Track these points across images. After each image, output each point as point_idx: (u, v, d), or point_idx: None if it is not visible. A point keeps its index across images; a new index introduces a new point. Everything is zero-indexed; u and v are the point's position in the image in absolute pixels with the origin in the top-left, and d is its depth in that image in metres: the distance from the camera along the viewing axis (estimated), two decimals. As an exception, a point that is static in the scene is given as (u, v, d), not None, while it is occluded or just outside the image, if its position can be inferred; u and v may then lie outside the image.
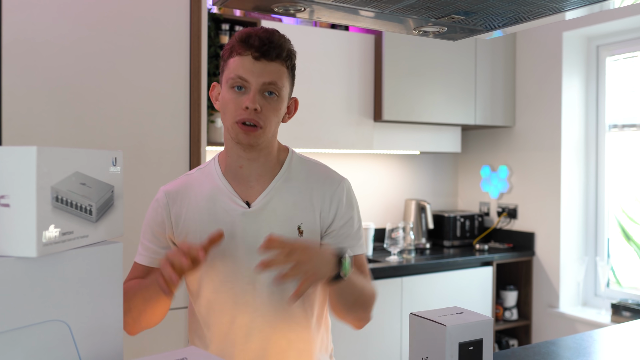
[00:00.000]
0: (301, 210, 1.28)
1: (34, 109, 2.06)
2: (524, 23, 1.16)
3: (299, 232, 1.27)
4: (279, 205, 1.27)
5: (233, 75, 1.20)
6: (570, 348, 1.54)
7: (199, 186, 1.31)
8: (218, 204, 1.28)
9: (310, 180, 1.31)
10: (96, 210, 0.88)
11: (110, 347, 0.88)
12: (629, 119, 3.31)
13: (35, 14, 2.05)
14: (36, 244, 0.75)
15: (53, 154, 0.78)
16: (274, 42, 1.19)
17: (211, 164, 1.34)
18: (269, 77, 1.20)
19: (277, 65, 1.21)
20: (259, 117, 1.20)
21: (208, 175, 1.32)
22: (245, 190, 1.29)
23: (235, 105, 1.21)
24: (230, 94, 1.22)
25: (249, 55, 1.19)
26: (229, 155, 1.30)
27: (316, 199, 1.30)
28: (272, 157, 1.30)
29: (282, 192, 1.28)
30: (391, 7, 1.04)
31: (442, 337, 1.09)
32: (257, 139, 1.22)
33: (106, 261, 0.88)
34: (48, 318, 0.80)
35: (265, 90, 1.21)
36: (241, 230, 1.26)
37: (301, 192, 1.29)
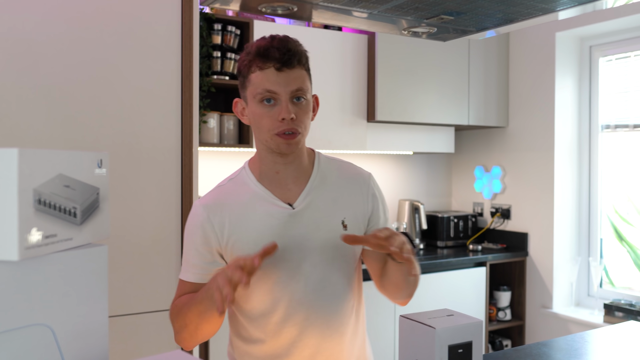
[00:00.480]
0: (341, 205, 1.34)
1: (24, 109, 2.05)
2: (515, 23, 1.16)
3: (344, 226, 1.32)
4: (320, 202, 1.32)
5: (260, 90, 1.23)
6: (562, 349, 1.54)
7: (235, 195, 1.33)
8: (261, 209, 1.30)
9: (342, 177, 1.38)
10: (81, 212, 0.87)
11: (95, 351, 0.87)
12: (621, 119, 3.31)
13: (25, 13, 2.04)
14: (18, 247, 0.74)
15: (35, 156, 0.77)
16: (292, 50, 1.22)
17: (242, 173, 1.37)
18: (295, 84, 1.23)
19: (298, 71, 1.24)
20: (296, 124, 1.24)
21: (242, 185, 1.34)
22: (284, 193, 1.32)
23: (270, 118, 1.24)
24: (260, 109, 1.25)
25: (271, 67, 1.22)
26: (263, 163, 1.33)
27: (353, 195, 1.36)
28: (304, 159, 1.35)
29: (320, 190, 1.34)
30: (380, 8, 1.03)
31: (431, 340, 1.08)
32: (297, 145, 1.27)
33: (91, 264, 0.87)
34: (31, 322, 0.79)
35: (294, 97, 1.24)
36: (290, 230, 1.29)
37: (338, 189, 1.36)
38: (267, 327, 1.32)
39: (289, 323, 1.30)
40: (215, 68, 2.82)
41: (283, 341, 1.31)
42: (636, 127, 3.22)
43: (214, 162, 3.11)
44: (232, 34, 2.86)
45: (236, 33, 2.88)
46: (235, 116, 2.90)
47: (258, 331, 1.33)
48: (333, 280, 1.32)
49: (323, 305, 1.31)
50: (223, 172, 3.25)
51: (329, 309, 1.32)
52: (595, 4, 1.11)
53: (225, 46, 2.86)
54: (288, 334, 1.31)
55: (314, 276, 1.30)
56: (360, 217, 1.36)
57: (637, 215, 3.24)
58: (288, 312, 1.30)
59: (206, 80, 2.75)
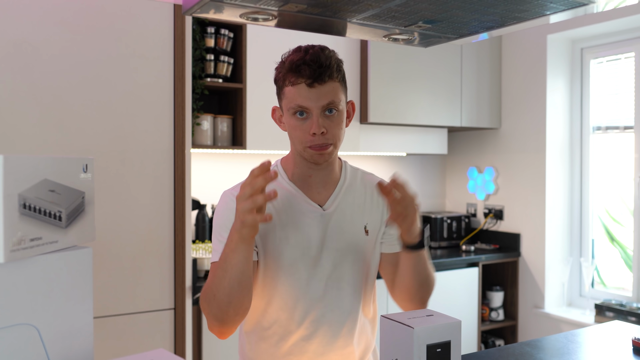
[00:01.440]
0: (365, 212, 1.41)
1: (16, 113, 2.07)
2: (492, 30, 1.19)
3: (365, 232, 1.40)
4: (347, 207, 1.39)
5: (293, 105, 1.28)
6: (544, 349, 1.57)
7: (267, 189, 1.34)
8: (294, 206, 1.36)
9: (366, 186, 1.45)
10: (66, 216, 0.90)
11: (80, 351, 0.90)
12: (612, 121, 3.34)
13: (19, 18, 2.07)
14: (3, 250, 0.77)
15: (20, 162, 0.80)
16: (323, 65, 1.25)
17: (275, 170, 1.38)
18: (325, 99, 1.27)
19: (330, 84, 1.27)
20: (327, 137, 1.29)
21: (275, 181, 1.36)
22: (314, 195, 1.39)
23: (302, 131, 1.29)
24: (294, 121, 1.30)
25: (302, 83, 1.26)
26: (297, 166, 1.39)
27: (376, 203, 1.43)
28: (335, 166, 1.42)
29: (347, 196, 1.41)
30: (358, 17, 1.06)
31: (410, 339, 1.11)
32: (330, 155, 1.33)
33: (76, 266, 0.90)
34: (17, 322, 0.82)
35: (325, 110, 1.28)
36: (319, 230, 1.35)
37: (363, 196, 1.43)
38: (284, 322, 1.36)
39: (307, 319, 1.35)
40: (209, 71, 2.85)
41: (297, 337, 1.36)
42: (627, 128, 3.25)
43: (208, 163, 3.14)
44: (225, 37, 2.89)
45: (229, 36, 2.91)
46: (229, 118, 2.94)
47: (274, 326, 1.37)
48: (351, 282, 1.38)
49: (339, 304, 1.37)
50: (217, 174, 3.28)
51: (345, 308, 1.38)
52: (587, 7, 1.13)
53: (218, 49, 2.89)
54: (304, 330, 1.35)
55: (334, 276, 1.36)
56: (379, 223, 1.43)
57: (628, 215, 3.27)
58: (306, 309, 1.35)
59: (200, 83, 2.78)
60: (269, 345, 1.38)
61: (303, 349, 1.36)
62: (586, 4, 1.10)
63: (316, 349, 1.36)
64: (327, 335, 1.36)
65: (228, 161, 3.19)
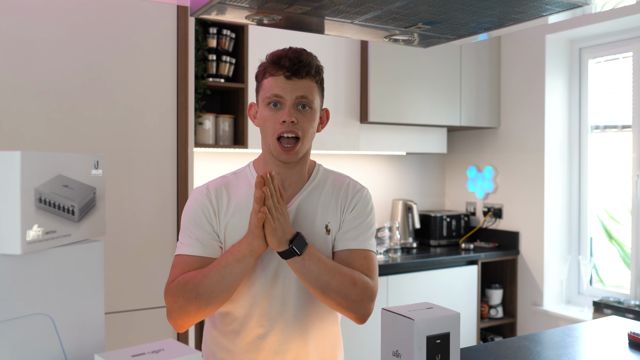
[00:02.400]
0: (328, 212, 1.43)
1: (23, 112, 2.11)
2: (491, 31, 1.22)
3: (327, 231, 1.42)
4: (309, 207, 1.42)
5: (269, 94, 1.34)
6: (542, 343, 1.60)
7: (236, 187, 1.42)
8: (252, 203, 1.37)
9: (334, 187, 1.47)
10: (78, 210, 0.93)
11: (92, 340, 0.93)
12: (610, 120, 3.38)
13: (25, 19, 2.10)
14: (20, 242, 0.80)
15: (36, 158, 0.83)
16: (303, 61, 1.32)
17: (246, 169, 1.47)
18: (300, 91, 1.33)
19: (307, 81, 1.34)
20: (297, 127, 1.34)
21: (244, 179, 1.45)
22: None
23: (273, 120, 1.35)
24: (267, 111, 1.36)
25: (281, 75, 1.32)
26: (266, 163, 1.43)
27: (340, 202, 1.45)
28: (305, 167, 1.45)
29: (311, 197, 1.43)
30: (360, 18, 1.09)
31: (410, 331, 1.14)
32: (296, 155, 1.37)
33: (88, 259, 0.94)
34: (32, 312, 0.85)
35: (299, 104, 1.34)
36: None
37: (327, 197, 1.44)
38: (241, 319, 1.38)
39: (265, 317, 1.37)
40: (211, 71, 2.88)
41: (255, 335, 1.38)
42: (624, 127, 3.29)
43: (210, 162, 3.17)
44: (227, 38, 2.92)
45: (231, 37, 2.94)
46: (231, 118, 2.97)
47: (233, 323, 1.39)
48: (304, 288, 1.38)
49: (296, 302, 1.38)
50: (218, 173, 3.29)
51: (303, 307, 1.39)
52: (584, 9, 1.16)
53: (220, 49, 2.92)
54: (262, 328, 1.37)
55: (290, 273, 1.37)
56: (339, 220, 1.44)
57: (626, 214, 3.31)
58: (265, 307, 1.37)
59: (202, 83, 2.82)
60: (227, 340, 1.41)
61: (260, 347, 1.38)
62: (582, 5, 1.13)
63: (272, 346, 1.38)
64: (284, 333, 1.38)
65: (230, 160, 3.22)
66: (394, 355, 1.19)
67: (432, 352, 1.16)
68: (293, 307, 1.38)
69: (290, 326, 1.39)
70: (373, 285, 1.39)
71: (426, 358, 1.15)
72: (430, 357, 1.16)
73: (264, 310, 1.38)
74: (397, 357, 1.18)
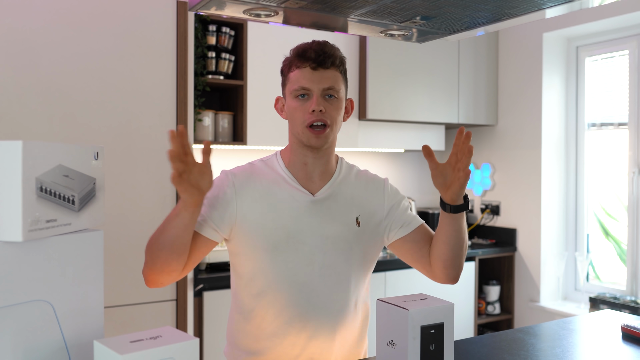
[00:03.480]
0: (358, 204, 1.46)
1: (25, 108, 2.13)
2: (486, 26, 1.24)
3: (357, 223, 1.44)
4: (340, 197, 1.45)
5: (296, 87, 1.37)
6: (536, 335, 1.62)
7: (262, 174, 1.44)
8: (283, 190, 1.41)
9: (360, 180, 1.51)
10: (78, 200, 0.95)
11: (92, 327, 0.95)
12: (607, 117, 3.40)
13: (27, 15, 2.12)
14: (22, 229, 0.82)
15: (38, 148, 0.85)
16: (327, 52, 1.36)
17: (273, 158, 1.49)
18: (327, 82, 1.37)
19: (332, 72, 1.38)
20: (325, 116, 1.37)
21: (271, 167, 1.46)
22: (307, 184, 1.44)
23: (302, 111, 1.37)
24: (295, 103, 1.39)
25: (307, 66, 1.36)
26: (293, 153, 1.44)
27: (369, 197, 1.49)
28: (331, 158, 1.47)
29: (341, 187, 1.46)
30: (355, 12, 1.11)
31: (404, 321, 1.16)
32: (326, 139, 1.39)
33: (88, 247, 0.95)
34: (33, 298, 0.87)
35: (326, 94, 1.38)
36: (308, 217, 1.40)
37: (356, 189, 1.49)
38: (270, 305, 1.40)
39: (291, 304, 1.39)
40: (210, 68, 2.90)
41: (282, 321, 1.39)
42: (621, 125, 3.31)
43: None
44: (226, 35, 2.94)
45: (230, 34, 2.96)
46: (230, 114, 2.99)
47: (258, 308, 1.41)
48: (339, 270, 1.41)
49: (325, 291, 1.40)
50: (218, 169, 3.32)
51: (331, 296, 1.41)
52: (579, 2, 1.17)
53: (219, 47, 2.94)
54: (288, 314, 1.39)
55: (322, 262, 1.40)
56: (375, 217, 1.47)
57: (622, 210, 3.33)
58: (291, 293, 1.39)
59: (201, 80, 2.83)
60: (253, 326, 1.42)
61: (286, 332, 1.39)
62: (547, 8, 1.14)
63: (299, 332, 1.40)
64: (311, 319, 1.40)
65: (229, 157, 3.24)
66: (389, 345, 1.21)
67: (426, 342, 1.18)
68: (323, 294, 1.40)
69: (319, 313, 1.40)
70: None
71: (420, 348, 1.17)
72: (425, 347, 1.18)
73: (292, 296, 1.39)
74: (391, 347, 1.20)
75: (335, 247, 1.41)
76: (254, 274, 1.40)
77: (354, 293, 1.46)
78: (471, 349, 1.50)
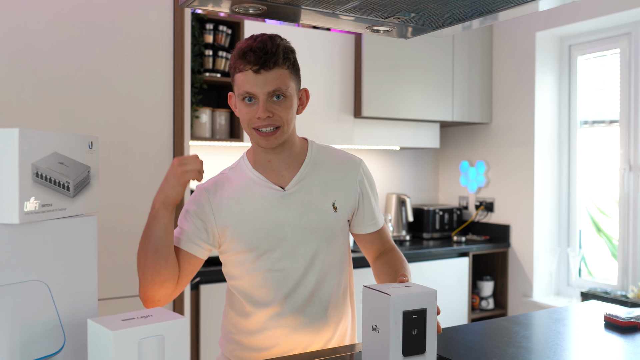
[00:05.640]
0: (332, 189, 1.45)
1: (23, 104, 2.17)
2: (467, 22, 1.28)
3: (334, 208, 1.44)
4: (312, 186, 1.44)
5: (241, 91, 1.33)
6: (521, 324, 1.66)
7: (233, 181, 1.45)
8: (254, 192, 1.42)
9: (334, 163, 1.49)
10: (73, 186, 0.99)
11: (86, 307, 1.00)
12: (598, 115, 3.44)
13: (25, 13, 2.16)
14: (19, 212, 0.87)
15: (34, 135, 0.90)
16: (269, 52, 1.29)
17: (240, 162, 1.50)
18: (272, 85, 1.31)
19: (277, 71, 1.31)
20: (274, 120, 1.34)
21: (240, 172, 1.47)
22: (277, 179, 1.43)
23: (249, 115, 1.35)
24: (242, 106, 1.36)
25: (249, 70, 1.30)
26: (256, 153, 1.44)
27: (343, 179, 1.48)
28: (295, 148, 1.45)
29: (312, 175, 1.45)
30: (340, 9, 1.16)
31: (387, 306, 1.20)
32: (278, 140, 1.37)
33: (82, 231, 1.00)
34: (29, 278, 0.92)
35: (272, 96, 1.33)
36: (282, 211, 1.41)
37: (329, 174, 1.47)
38: (259, 300, 1.44)
39: (283, 298, 1.43)
40: (207, 66, 2.95)
41: (275, 314, 1.43)
42: (612, 122, 3.35)
43: (206, 156, 3.24)
44: (223, 34, 2.99)
45: (227, 32, 3.01)
46: (227, 112, 3.04)
47: (250, 304, 1.45)
48: (322, 258, 1.44)
49: (313, 280, 1.44)
50: (215, 166, 3.37)
51: (320, 284, 1.45)
52: None
53: (216, 45, 2.99)
54: (280, 307, 1.43)
55: (306, 253, 1.42)
56: (351, 200, 1.48)
57: (614, 207, 3.37)
58: (281, 288, 1.42)
59: (198, 78, 2.88)
60: (246, 321, 1.46)
61: (278, 323, 1.44)
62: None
63: (290, 322, 1.44)
64: (304, 309, 1.44)
65: (226, 153, 3.29)
66: (373, 330, 1.25)
67: (408, 327, 1.22)
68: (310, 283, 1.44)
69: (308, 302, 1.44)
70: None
71: (402, 332, 1.21)
72: (407, 332, 1.22)
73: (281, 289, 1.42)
74: (375, 331, 1.24)
75: (316, 236, 1.43)
76: (242, 275, 1.45)
77: (343, 278, 1.51)
78: (456, 336, 1.55)
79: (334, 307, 1.49)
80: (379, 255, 1.56)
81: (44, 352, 0.93)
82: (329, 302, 1.47)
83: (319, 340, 1.48)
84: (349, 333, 1.57)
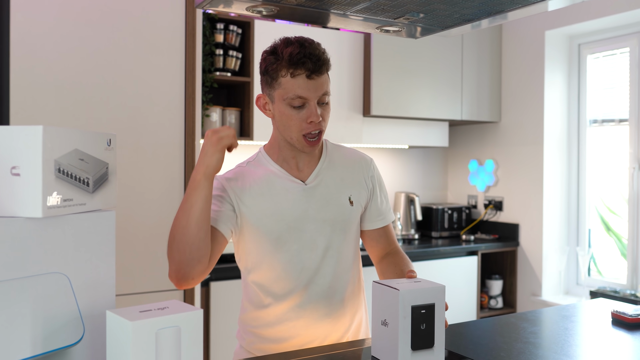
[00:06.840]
0: (348, 184, 1.53)
1: (38, 103, 2.21)
2: (476, 22, 1.31)
3: (350, 203, 1.51)
4: (330, 181, 1.51)
5: (292, 95, 1.36)
6: (529, 320, 1.68)
7: (253, 173, 1.49)
8: (276, 184, 1.46)
9: (348, 160, 1.57)
10: (93, 182, 1.03)
11: (104, 299, 1.03)
12: (608, 114, 3.44)
13: (40, 14, 2.21)
14: (42, 206, 0.90)
15: (56, 132, 0.93)
16: (321, 59, 1.37)
17: (259, 156, 1.53)
18: (322, 89, 1.39)
19: (324, 77, 1.40)
20: (322, 124, 1.41)
21: (259, 165, 1.51)
22: (297, 174, 1.49)
23: (299, 120, 1.39)
24: (289, 111, 1.39)
25: (303, 74, 1.35)
26: (282, 150, 1.49)
27: (357, 175, 1.55)
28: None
29: (329, 171, 1.52)
30: (351, 9, 1.18)
31: (395, 301, 1.23)
32: (319, 145, 1.45)
33: (101, 226, 1.03)
34: (50, 270, 0.95)
35: (321, 100, 1.40)
36: (303, 204, 1.46)
37: (345, 170, 1.54)
38: (279, 293, 1.47)
39: (300, 289, 1.47)
40: (218, 65, 2.98)
41: (292, 305, 1.47)
42: (622, 121, 3.35)
43: (217, 154, 3.27)
44: (233, 33, 3.02)
45: (238, 32, 3.04)
46: (237, 110, 3.07)
47: (269, 297, 1.48)
48: (339, 249, 1.50)
49: (330, 272, 1.48)
50: (225, 163, 3.40)
51: (337, 276, 1.50)
52: None
53: (227, 44, 3.02)
54: (298, 299, 1.47)
55: (324, 245, 1.47)
56: (364, 195, 1.55)
57: (623, 206, 3.37)
58: (299, 279, 1.46)
59: (209, 77, 2.91)
60: (264, 313, 1.49)
61: (297, 315, 1.47)
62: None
63: (310, 314, 1.47)
64: (320, 301, 1.48)
65: (236, 151, 3.32)
66: (383, 324, 1.28)
67: (417, 322, 1.24)
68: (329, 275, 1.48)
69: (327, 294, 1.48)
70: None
71: (411, 327, 1.24)
72: (415, 326, 1.24)
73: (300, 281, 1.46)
74: (385, 326, 1.27)
75: (333, 229, 1.48)
76: (260, 266, 1.48)
77: (356, 271, 1.57)
78: (464, 331, 1.57)
79: (350, 298, 1.54)
80: (385, 256, 1.60)
81: (64, 342, 0.96)
82: (345, 293, 1.52)
83: (337, 331, 1.51)
84: (364, 325, 1.62)
